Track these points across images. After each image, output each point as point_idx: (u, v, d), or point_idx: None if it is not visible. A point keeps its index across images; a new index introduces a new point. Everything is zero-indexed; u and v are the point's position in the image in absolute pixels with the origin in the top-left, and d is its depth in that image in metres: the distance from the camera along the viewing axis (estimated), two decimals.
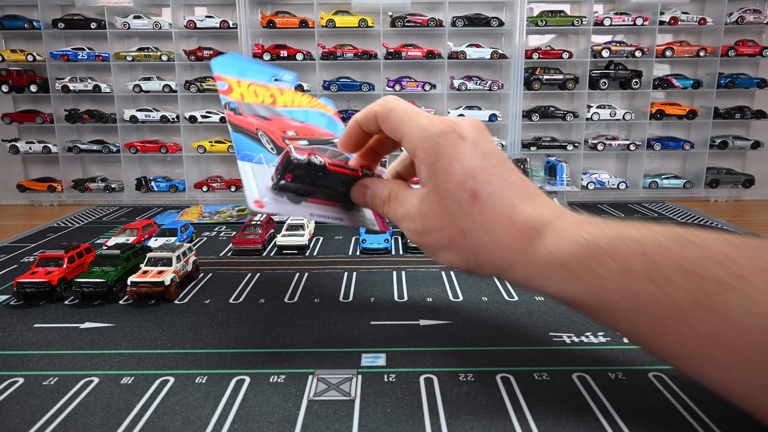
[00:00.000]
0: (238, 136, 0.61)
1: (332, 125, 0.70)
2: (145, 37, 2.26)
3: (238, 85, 0.65)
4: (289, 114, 0.68)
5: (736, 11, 2.17)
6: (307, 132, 0.67)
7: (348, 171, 0.58)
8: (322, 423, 0.52)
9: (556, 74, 2.19)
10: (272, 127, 0.65)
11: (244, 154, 0.59)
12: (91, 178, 2.29)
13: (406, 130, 0.48)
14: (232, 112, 0.63)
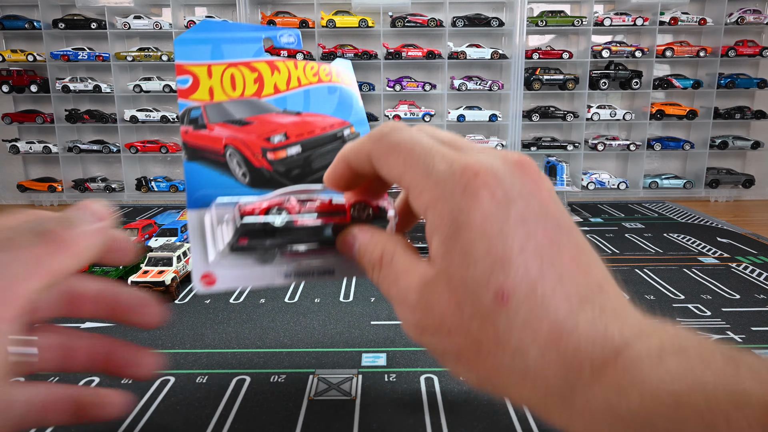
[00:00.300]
0: (193, 166, 0.44)
1: (345, 106, 0.51)
2: (146, 37, 2.26)
3: (209, 74, 0.46)
4: (281, 103, 0.49)
5: (736, 11, 2.17)
6: (303, 129, 0.49)
7: (331, 219, 0.41)
8: (322, 423, 0.52)
9: (557, 74, 2.19)
10: (250, 135, 0.47)
11: (199, 196, 0.42)
12: (91, 178, 2.29)
13: (413, 179, 0.30)
14: (191, 127, 0.45)
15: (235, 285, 0.41)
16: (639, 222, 1.65)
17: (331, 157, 0.45)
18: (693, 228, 1.54)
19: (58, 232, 0.29)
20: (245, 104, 0.48)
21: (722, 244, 1.34)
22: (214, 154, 0.46)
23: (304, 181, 0.46)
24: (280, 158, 0.47)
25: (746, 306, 0.89)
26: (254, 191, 0.45)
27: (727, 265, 1.15)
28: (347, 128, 0.51)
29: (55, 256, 0.28)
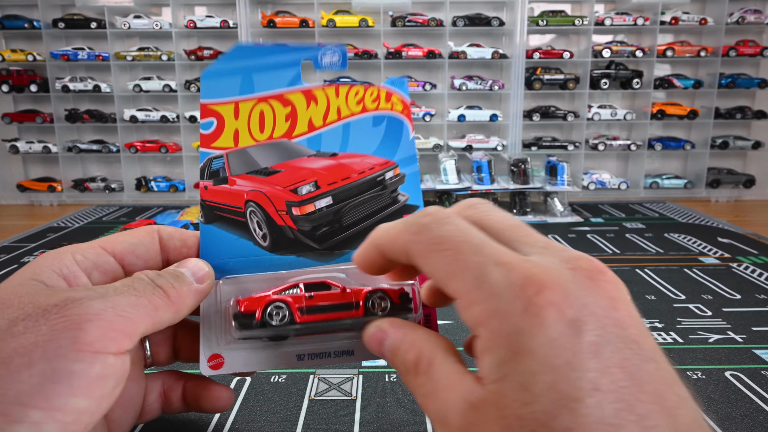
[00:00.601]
0: (209, 230, 0.39)
1: (391, 140, 0.42)
2: (145, 36, 2.26)
3: (236, 113, 0.40)
4: (315, 143, 0.41)
5: (737, 11, 2.17)
6: (337, 175, 0.42)
7: (340, 315, 0.37)
8: (323, 423, 0.52)
9: (557, 74, 2.18)
10: (275, 187, 0.41)
11: (214, 264, 0.38)
12: (90, 178, 2.29)
13: (461, 287, 0.25)
14: (211, 181, 0.41)
15: (243, 369, 0.37)
16: (640, 222, 1.64)
17: (366, 209, 0.42)
18: (694, 228, 1.54)
19: (169, 289, 0.32)
20: (273, 148, 0.42)
21: (723, 244, 1.33)
22: (235, 213, 0.40)
23: (331, 242, 0.40)
24: (306, 213, 0.40)
25: (747, 306, 0.89)
26: (274, 258, 0.39)
27: (728, 265, 1.15)
28: (390, 170, 0.43)
29: (163, 309, 0.31)
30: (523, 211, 1.75)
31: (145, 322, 0.30)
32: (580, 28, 2.18)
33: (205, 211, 0.41)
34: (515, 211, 1.75)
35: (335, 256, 0.40)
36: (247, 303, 0.37)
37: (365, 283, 0.38)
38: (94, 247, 0.35)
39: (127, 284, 0.31)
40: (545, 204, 1.80)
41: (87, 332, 0.26)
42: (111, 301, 0.28)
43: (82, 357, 0.25)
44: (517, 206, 1.76)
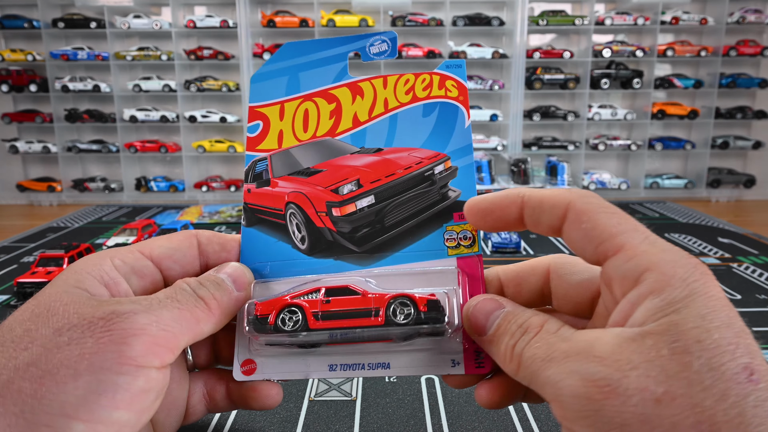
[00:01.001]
0: (249, 233, 0.39)
1: (443, 130, 0.39)
2: (145, 36, 2.25)
3: (281, 114, 0.39)
4: (359, 139, 0.39)
5: (738, 11, 2.17)
6: (381, 172, 0.39)
7: (359, 322, 0.34)
8: (323, 423, 0.51)
9: (557, 74, 2.18)
10: (315, 188, 0.40)
11: (253, 268, 0.37)
12: (90, 178, 2.28)
13: (632, 241, 0.28)
14: (254, 184, 0.40)
15: (275, 376, 0.36)
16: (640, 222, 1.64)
17: (412, 208, 0.39)
18: (694, 228, 1.54)
19: (210, 300, 0.32)
20: (316, 147, 0.41)
21: (723, 245, 1.33)
22: (275, 216, 0.40)
23: (371, 244, 0.37)
24: (346, 214, 0.38)
25: (748, 306, 0.89)
26: (312, 261, 0.37)
27: (728, 265, 1.15)
28: (440, 163, 0.39)
29: (204, 321, 0.31)
30: None
31: (186, 335, 0.30)
32: (580, 28, 2.18)
33: (248, 215, 0.40)
34: None
35: (375, 259, 0.37)
36: (262, 306, 0.35)
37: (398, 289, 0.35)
38: (132, 252, 0.34)
39: (170, 296, 0.30)
40: None
41: (132, 347, 0.26)
42: (155, 315, 0.28)
43: (126, 371, 0.26)
44: None
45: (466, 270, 0.36)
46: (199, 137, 2.31)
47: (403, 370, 0.35)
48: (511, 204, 0.32)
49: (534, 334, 0.28)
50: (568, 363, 0.25)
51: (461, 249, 0.37)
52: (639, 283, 0.26)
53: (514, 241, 1.30)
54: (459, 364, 0.35)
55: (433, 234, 0.38)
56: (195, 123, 2.22)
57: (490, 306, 0.32)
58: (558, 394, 0.25)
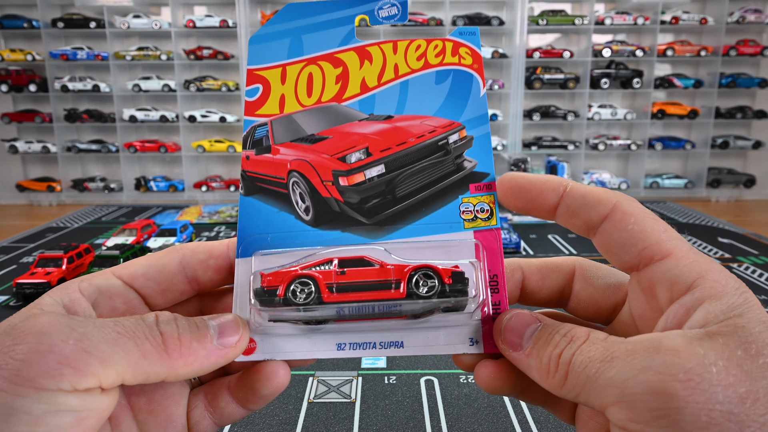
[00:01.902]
0: (248, 203, 0.36)
1: (457, 97, 0.37)
2: (145, 36, 2.25)
3: (282, 78, 0.37)
4: (368, 105, 0.37)
5: (737, 11, 2.17)
6: (392, 140, 0.38)
7: (378, 295, 0.32)
8: (322, 425, 0.51)
9: (557, 74, 2.18)
10: (321, 156, 0.38)
11: (249, 242, 0.35)
12: (90, 177, 2.28)
13: (681, 247, 0.28)
14: (253, 151, 0.38)
15: (278, 356, 0.33)
16: None
17: (424, 178, 0.37)
18: (694, 228, 1.53)
19: (170, 338, 0.27)
20: (321, 113, 0.38)
21: (723, 245, 1.33)
22: (277, 185, 0.37)
23: (382, 215, 0.35)
24: (355, 184, 0.36)
25: None
26: (317, 233, 0.35)
27: (729, 265, 1.15)
28: (455, 132, 0.37)
29: (151, 359, 0.27)
30: None
31: (121, 365, 0.25)
32: (580, 28, 2.18)
33: (246, 183, 0.37)
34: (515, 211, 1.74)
35: (385, 231, 0.35)
36: (270, 277, 0.32)
37: (415, 258, 0.33)
38: (103, 274, 0.32)
39: (120, 321, 0.27)
40: None
41: (31, 366, 0.24)
42: (78, 333, 0.25)
43: (24, 393, 0.23)
44: None
45: (484, 244, 0.34)
46: (199, 137, 2.31)
47: (417, 349, 0.33)
48: (551, 189, 0.31)
49: (582, 342, 0.26)
50: (636, 359, 0.23)
51: (478, 222, 0.35)
52: (693, 288, 0.26)
53: (514, 241, 1.30)
54: (478, 342, 0.33)
55: (447, 206, 0.35)
56: (194, 123, 2.22)
57: (527, 318, 0.30)
58: (626, 393, 0.23)
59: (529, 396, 0.33)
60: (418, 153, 0.38)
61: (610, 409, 0.24)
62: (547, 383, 0.27)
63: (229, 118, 2.22)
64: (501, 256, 0.34)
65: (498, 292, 0.33)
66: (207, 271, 0.34)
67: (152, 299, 0.33)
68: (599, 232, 0.30)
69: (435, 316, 0.32)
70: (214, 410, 0.35)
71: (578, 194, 0.31)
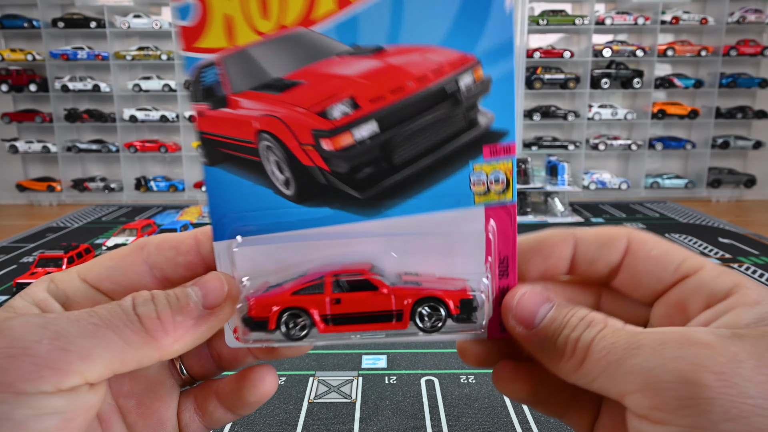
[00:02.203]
0: (215, 174, 0.29)
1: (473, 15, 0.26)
2: (145, 36, 2.25)
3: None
4: (349, 31, 0.27)
5: (738, 11, 2.16)
6: (385, 86, 0.28)
7: (378, 327, 0.29)
8: (322, 425, 0.51)
9: (558, 73, 2.18)
10: (293, 108, 0.29)
11: (225, 222, 0.29)
12: (90, 177, 2.28)
13: (707, 264, 0.28)
14: (207, 105, 0.29)
15: (274, 343, 0.30)
16: (640, 222, 1.64)
17: (429, 139, 0.29)
18: (695, 228, 1.53)
19: (149, 320, 0.26)
20: (286, 45, 0.28)
21: (724, 245, 1.33)
22: (245, 150, 0.29)
23: (378, 188, 0.29)
24: (342, 148, 0.28)
25: None
26: (303, 210, 0.29)
27: (729, 265, 1.15)
28: (468, 71, 0.28)
29: (138, 345, 0.25)
30: (524, 211, 1.74)
31: (105, 357, 0.24)
32: (580, 28, 2.18)
33: (207, 149, 0.29)
34: None
35: (382, 208, 0.29)
36: (258, 306, 0.29)
37: (419, 273, 0.29)
38: (69, 274, 0.30)
39: (95, 311, 0.25)
40: (546, 204, 1.80)
41: (5, 371, 0.23)
42: (52, 331, 0.24)
43: (2, 399, 0.22)
44: (517, 206, 1.75)
45: (496, 222, 0.29)
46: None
47: (419, 335, 0.30)
48: (561, 241, 0.29)
49: (602, 327, 0.25)
50: (666, 349, 0.23)
51: (491, 196, 0.28)
52: (728, 297, 0.26)
53: None
54: (479, 330, 0.29)
55: (455, 175, 0.28)
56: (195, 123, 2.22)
57: (540, 297, 0.28)
58: (653, 381, 0.23)
59: (547, 405, 0.31)
60: (420, 103, 0.29)
61: (631, 396, 0.23)
62: (559, 365, 0.26)
63: None
64: (514, 238, 0.29)
65: (507, 276, 0.29)
66: (177, 270, 0.31)
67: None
68: (623, 269, 0.29)
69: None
70: (203, 414, 0.34)
71: (591, 238, 0.29)
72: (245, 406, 0.32)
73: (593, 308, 0.29)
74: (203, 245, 0.30)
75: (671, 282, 0.28)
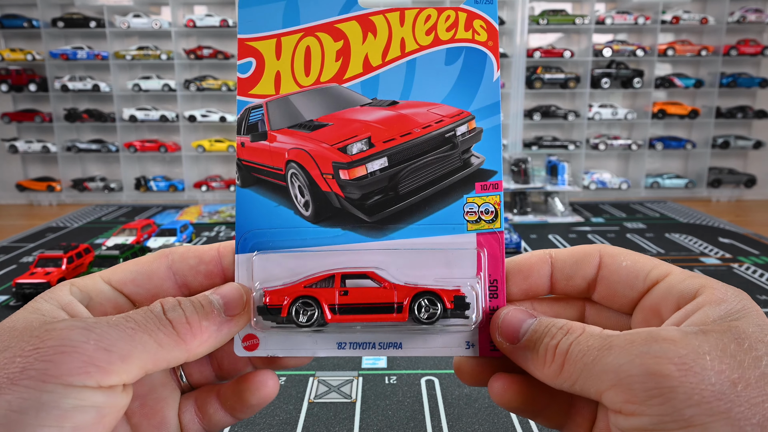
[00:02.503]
0: (246, 195, 0.34)
1: (468, 82, 0.34)
2: (145, 35, 2.25)
3: (277, 51, 0.34)
4: (371, 87, 0.34)
5: (738, 10, 2.16)
6: (396, 130, 0.35)
7: (380, 318, 0.32)
8: (322, 426, 0.51)
9: (558, 73, 2.18)
10: (320, 145, 0.35)
11: (248, 237, 0.34)
12: (90, 177, 2.28)
13: (677, 270, 0.31)
14: (248, 137, 0.35)
15: (279, 353, 0.33)
16: (641, 222, 1.64)
17: (430, 174, 0.35)
18: (695, 228, 1.53)
19: (180, 324, 0.29)
20: (321, 96, 0.35)
21: (724, 245, 1.33)
22: (275, 176, 0.35)
23: (383, 214, 0.34)
24: (356, 178, 0.34)
25: None
26: (317, 230, 0.33)
27: (729, 265, 1.14)
28: (464, 122, 0.34)
29: (169, 347, 0.28)
30: (524, 210, 1.74)
31: (141, 358, 0.27)
32: (580, 27, 2.18)
33: (242, 173, 0.35)
34: (516, 210, 1.74)
35: (387, 231, 0.34)
36: (272, 296, 0.32)
37: (417, 275, 0.33)
38: (92, 278, 0.33)
39: (130, 316, 0.28)
40: (546, 204, 1.80)
41: (58, 365, 0.25)
42: (96, 333, 0.26)
43: (52, 389, 0.25)
44: (518, 206, 1.75)
45: (486, 248, 0.33)
46: (199, 137, 2.30)
47: (415, 350, 0.33)
48: (539, 261, 0.32)
49: (579, 334, 0.28)
50: (634, 347, 0.25)
51: (482, 224, 0.33)
52: (696, 297, 0.28)
53: (515, 241, 1.29)
54: (474, 346, 0.33)
55: (451, 206, 0.34)
56: (194, 122, 2.21)
57: (523, 314, 0.31)
58: (623, 377, 0.25)
59: (546, 417, 0.33)
60: (423, 145, 0.35)
61: (606, 394, 0.25)
62: (543, 372, 0.29)
63: (229, 117, 2.21)
64: (503, 261, 0.33)
65: (497, 297, 0.33)
66: (197, 277, 0.34)
67: (143, 304, 0.33)
68: (599, 282, 0.32)
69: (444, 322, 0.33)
70: (203, 416, 0.35)
71: (565, 256, 0.32)
72: (245, 409, 0.34)
73: (578, 321, 0.30)
74: (224, 257, 0.34)
75: (643, 289, 0.31)
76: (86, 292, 0.32)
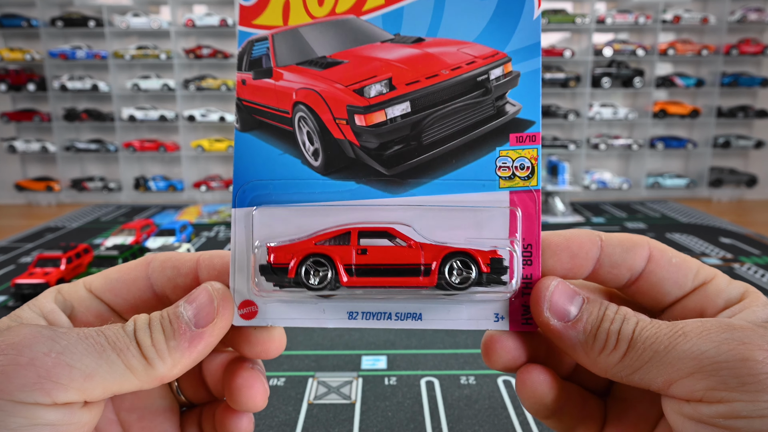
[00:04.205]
0: (246, 140, 0.30)
1: (506, 17, 0.30)
2: (144, 35, 2.25)
3: None
4: (393, 21, 0.30)
5: (739, 10, 2.16)
6: (420, 71, 0.30)
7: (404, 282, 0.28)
8: (322, 427, 0.51)
9: (558, 72, 2.17)
10: (333, 85, 0.31)
11: (247, 188, 0.30)
12: (89, 177, 2.28)
13: (714, 271, 0.30)
14: (250, 74, 0.31)
15: (282, 323, 0.29)
16: (641, 222, 1.64)
17: (458, 123, 0.31)
18: (696, 228, 1.53)
19: (147, 347, 0.26)
20: (336, 29, 0.31)
21: (725, 245, 1.32)
22: (280, 120, 0.31)
23: (404, 166, 0.29)
24: (374, 124, 0.30)
25: None
26: (327, 183, 0.29)
27: (730, 266, 1.14)
28: (499, 65, 0.30)
29: (140, 373, 0.26)
30: None
31: (106, 379, 0.25)
32: (581, 27, 2.17)
33: (242, 115, 0.31)
34: None
35: (407, 186, 0.29)
36: (278, 252, 0.28)
37: (442, 236, 0.28)
38: (75, 285, 0.31)
39: (102, 331, 0.26)
40: (546, 204, 1.80)
41: (9, 379, 0.23)
42: (61, 345, 0.24)
43: (1, 406, 0.23)
44: None
45: (521, 207, 0.29)
46: (198, 136, 2.30)
47: (436, 322, 0.29)
48: (589, 242, 0.29)
49: (638, 321, 0.26)
50: (713, 334, 0.24)
51: (516, 181, 0.29)
52: (742, 300, 0.29)
53: None
54: (504, 318, 0.29)
55: (482, 159, 0.29)
56: (194, 122, 2.21)
57: (572, 288, 0.28)
58: (707, 363, 0.24)
59: (560, 418, 0.30)
60: (451, 90, 0.31)
61: (680, 382, 0.24)
62: (598, 358, 0.26)
63: (228, 117, 2.21)
64: (539, 224, 0.29)
65: (531, 264, 0.29)
66: (175, 291, 0.31)
67: (125, 314, 0.31)
68: (645, 275, 0.30)
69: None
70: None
71: (616, 242, 0.29)
72: (244, 357, 0.31)
73: None
74: (202, 270, 0.30)
75: (690, 289, 0.30)
76: (70, 300, 0.30)
